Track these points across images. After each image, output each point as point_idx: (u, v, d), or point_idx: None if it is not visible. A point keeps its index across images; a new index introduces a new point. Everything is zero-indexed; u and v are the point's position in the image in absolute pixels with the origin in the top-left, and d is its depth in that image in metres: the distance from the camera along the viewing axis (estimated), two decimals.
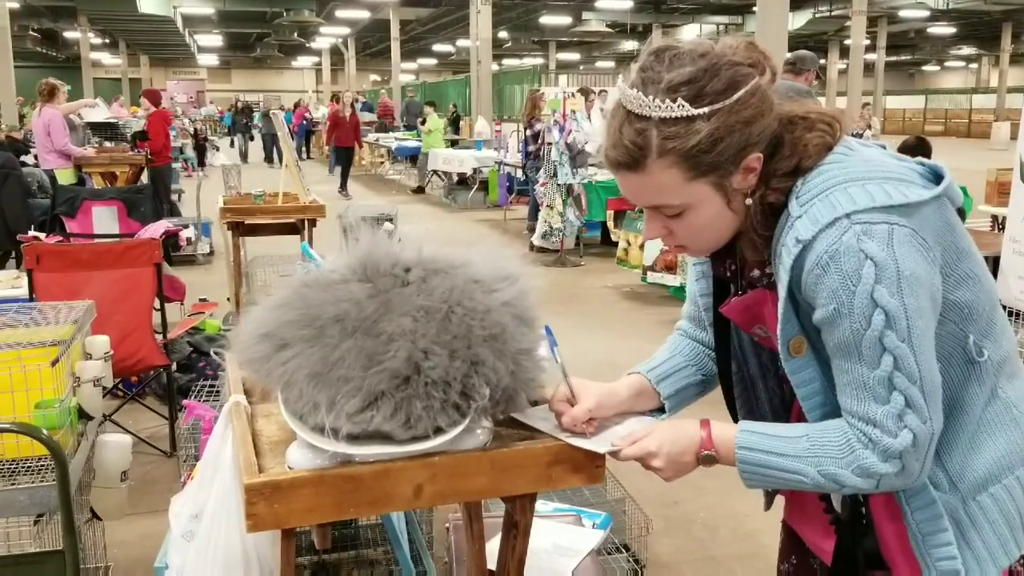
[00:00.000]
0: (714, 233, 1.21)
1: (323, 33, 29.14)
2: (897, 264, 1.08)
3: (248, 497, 1.14)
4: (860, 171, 1.13)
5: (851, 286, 1.08)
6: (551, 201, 8.07)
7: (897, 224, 1.09)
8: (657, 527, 2.93)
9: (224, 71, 45.80)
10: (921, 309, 1.09)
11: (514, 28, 29.21)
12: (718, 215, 1.18)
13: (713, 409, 1.44)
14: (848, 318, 1.09)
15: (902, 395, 1.10)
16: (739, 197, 1.18)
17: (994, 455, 1.19)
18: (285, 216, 4.88)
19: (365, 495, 1.18)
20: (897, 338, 1.08)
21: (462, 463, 1.21)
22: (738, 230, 1.22)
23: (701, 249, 1.26)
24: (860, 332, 1.09)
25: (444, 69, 40.32)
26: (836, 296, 1.10)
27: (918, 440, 1.10)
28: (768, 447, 1.18)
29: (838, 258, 1.09)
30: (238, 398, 1.47)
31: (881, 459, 1.12)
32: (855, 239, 1.08)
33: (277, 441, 1.34)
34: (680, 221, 1.20)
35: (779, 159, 1.17)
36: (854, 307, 1.09)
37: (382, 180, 17.13)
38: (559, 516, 2.48)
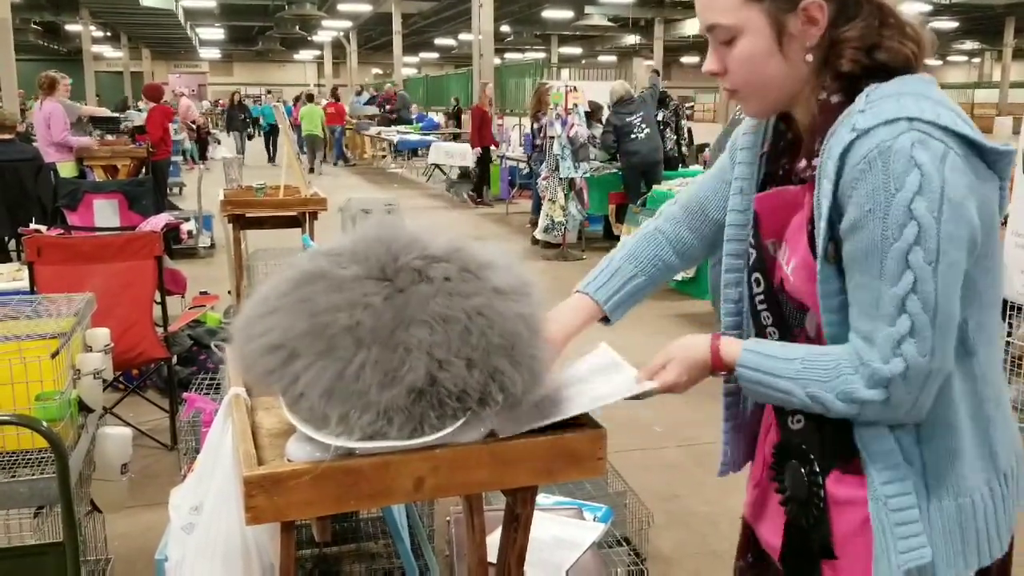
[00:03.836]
0: (764, 77, 1.17)
1: (325, 27, 29.08)
2: (944, 184, 1.03)
3: (247, 490, 1.14)
4: (939, 97, 1.10)
5: (892, 190, 1.04)
6: (553, 195, 8.06)
7: (954, 151, 1.05)
8: (658, 521, 2.92)
9: (226, 64, 45.75)
10: (956, 239, 1.04)
11: (516, 22, 29.15)
12: (768, 53, 1.15)
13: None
14: (880, 223, 1.05)
15: (910, 319, 1.05)
16: (795, 45, 1.14)
17: (964, 464, 1.16)
18: (286, 209, 4.87)
19: (365, 488, 1.18)
20: (924, 258, 1.03)
21: (463, 456, 1.20)
22: (793, 95, 1.19)
23: (752, 96, 1.21)
24: (888, 242, 1.04)
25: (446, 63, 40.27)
26: (874, 197, 1.05)
27: (910, 372, 1.06)
28: (765, 367, 1.18)
29: (887, 156, 1.04)
30: (238, 391, 1.46)
31: (866, 384, 1.08)
32: (909, 143, 1.04)
33: (277, 434, 1.34)
34: (731, 51, 1.17)
35: (852, 29, 1.13)
36: (889, 213, 1.04)
37: (383, 173, 17.12)
38: (560, 509, 2.48)
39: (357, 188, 13.95)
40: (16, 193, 6.25)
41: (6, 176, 6.24)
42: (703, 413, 4.23)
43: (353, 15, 26.92)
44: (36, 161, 6.55)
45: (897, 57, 1.13)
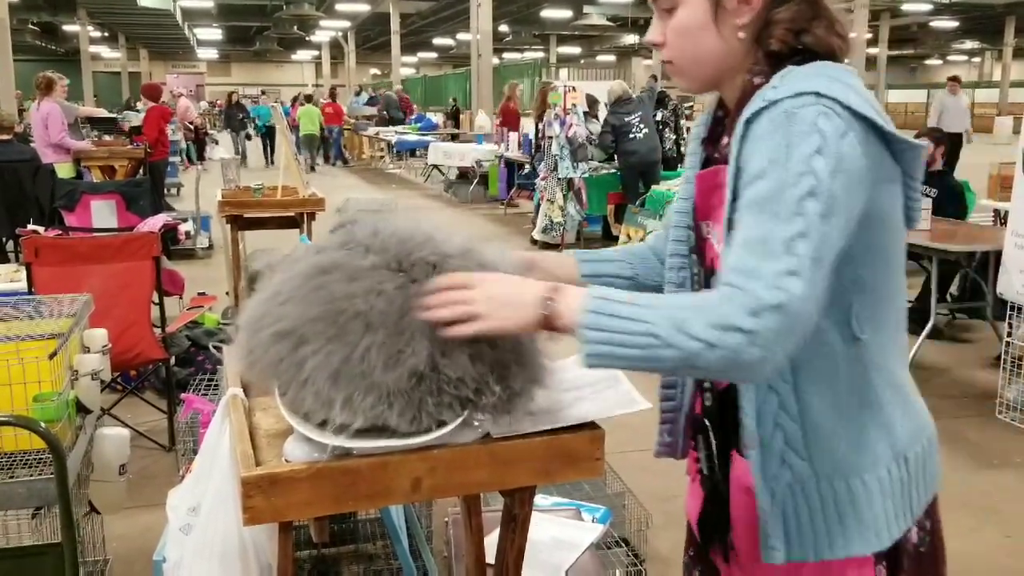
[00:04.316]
0: (698, 49, 1.21)
1: (323, 27, 29.09)
2: (841, 155, 1.06)
3: (245, 490, 1.14)
4: (853, 83, 1.13)
5: (794, 146, 1.06)
6: (551, 195, 8.06)
7: (855, 132, 1.08)
8: (657, 521, 2.92)
9: (223, 65, 45.73)
10: (845, 207, 1.06)
11: (515, 22, 29.16)
12: (703, 26, 1.19)
13: None
14: (780, 171, 1.06)
15: (795, 259, 1.03)
16: (729, 22, 1.18)
17: (856, 446, 1.17)
18: (284, 210, 4.87)
19: (363, 488, 1.17)
20: (816, 209, 1.04)
21: (460, 456, 1.20)
22: (724, 73, 1.22)
23: (685, 69, 1.24)
24: (785, 187, 1.05)
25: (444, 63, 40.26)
26: (775, 151, 1.07)
27: (788, 307, 1.01)
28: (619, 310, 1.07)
29: (791, 119, 1.07)
30: (236, 391, 1.46)
31: (745, 311, 1.02)
32: (815, 113, 1.07)
33: (275, 434, 1.34)
34: (670, 22, 1.21)
35: (784, 11, 1.17)
36: (790, 163, 1.06)
37: (382, 174, 17.13)
38: (558, 510, 2.48)
39: (355, 188, 13.95)
40: (14, 194, 6.25)
41: (4, 177, 6.24)
42: None
43: (351, 15, 26.93)
44: (34, 162, 6.56)
45: (822, 44, 1.17)
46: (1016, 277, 4.06)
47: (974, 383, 4.84)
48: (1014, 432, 4.13)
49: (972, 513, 3.35)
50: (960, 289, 5.70)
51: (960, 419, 4.29)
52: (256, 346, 1.25)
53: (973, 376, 4.95)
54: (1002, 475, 3.71)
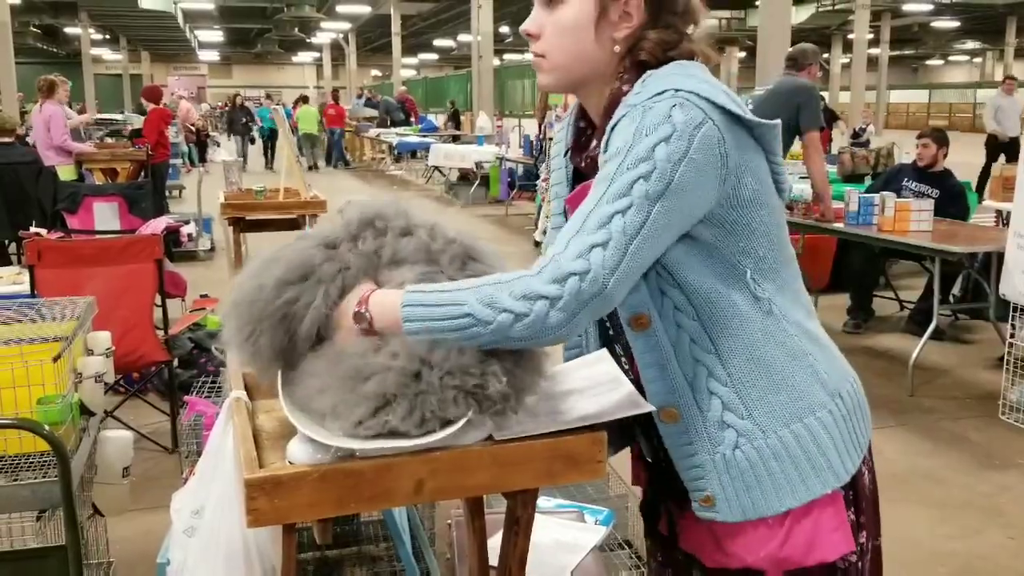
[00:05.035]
0: (574, 49, 1.23)
1: (324, 28, 29.12)
2: (689, 145, 1.10)
3: (249, 492, 1.14)
4: (706, 77, 1.18)
5: (641, 135, 1.11)
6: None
7: (711, 121, 1.12)
8: None
9: (225, 67, 45.80)
10: (684, 195, 1.11)
11: (515, 23, 29.17)
12: (583, 28, 1.22)
13: None
14: (621, 156, 1.12)
15: (609, 233, 1.09)
16: (608, 31, 1.22)
17: (791, 394, 1.22)
18: (286, 212, 4.88)
19: (366, 490, 1.18)
20: (645, 192, 1.09)
21: (463, 458, 1.20)
22: (589, 78, 1.25)
23: (554, 66, 1.26)
24: (623, 170, 1.11)
25: (445, 64, 40.29)
26: (624, 140, 1.13)
27: (589, 276, 1.08)
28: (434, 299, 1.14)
29: (648, 112, 1.13)
30: (239, 394, 1.47)
31: (548, 280, 1.09)
32: (669, 105, 1.12)
33: (278, 436, 1.34)
34: (552, 15, 1.24)
35: (656, 33, 1.22)
36: (632, 150, 1.11)
37: (383, 175, 17.14)
38: (561, 512, 2.48)
39: (356, 190, 13.97)
40: (16, 196, 6.26)
41: (6, 179, 6.25)
42: None
43: (352, 17, 26.96)
44: (36, 164, 6.57)
45: (683, 54, 1.23)
46: (1018, 278, 4.05)
47: (977, 384, 4.83)
48: (1017, 433, 4.13)
49: (975, 514, 3.34)
50: (962, 290, 5.69)
51: (963, 420, 4.29)
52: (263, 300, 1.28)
53: (976, 377, 4.95)
54: (1005, 476, 3.71)
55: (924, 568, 2.92)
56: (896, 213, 4.87)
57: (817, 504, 1.24)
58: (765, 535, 1.25)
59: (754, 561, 1.27)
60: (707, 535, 1.32)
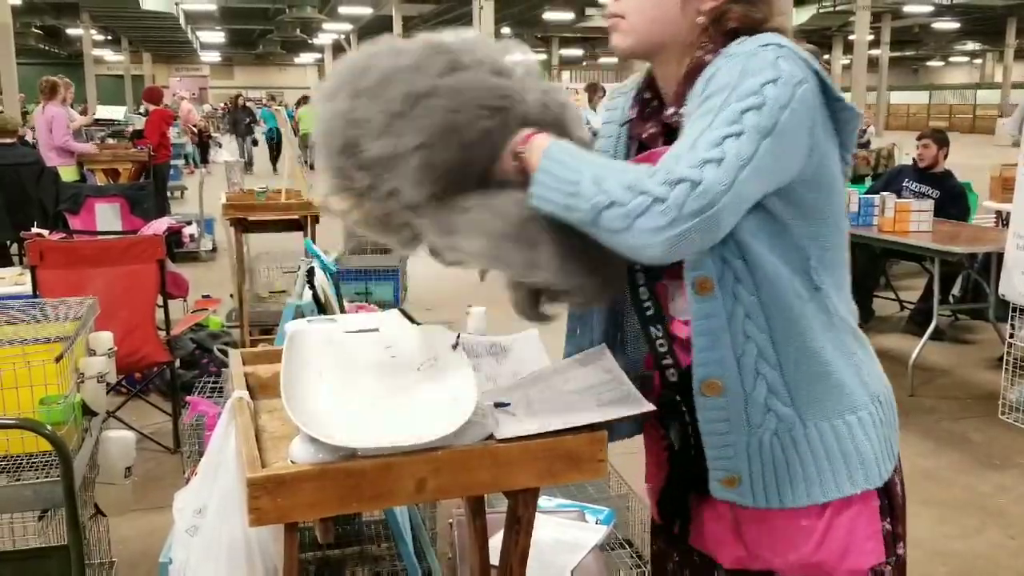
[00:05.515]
0: (656, 14, 1.22)
1: (326, 30, 29.13)
2: (792, 95, 1.08)
3: (251, 491, 1.15)
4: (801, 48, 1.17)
5: (748, 74, 1.09)
6: None
7: (810, 84, 1.11)
8: None
9: (227, 68, 45.82)
10: (790, 136, 1.09)
11: (517, 24, 29.19)
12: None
13: None
14: (728, 91, 1.09)
15: (720, 151, 1.04)
16: (694, 3, 1.21)
17: (836, 389, 1.21)
18: (288, 213, 4.88)
19: (368, 489, 1.18)
20: (756, 123, 1.06)
21: (464, 457, 1.21)
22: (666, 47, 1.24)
23: (633, 29, 1.24)
24: (730, 101, 1.08)
25: None
26: (729, 77, 1.10)
27: (700, 188, 1.02)
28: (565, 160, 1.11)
29: (752, 57, 1.11)
30: (241, 394, 1.47)
31: (659, 181, 1.03)
32: (774, 55, 1.11)
33: (280, 436, 1.35)
34: None
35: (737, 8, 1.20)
36: (741, 86, 1.09)
37: None
38: (562, 512, 2.48)
39: None
40: (18, 197, 6.26)
41: (7, 180, 6.26)
42: None
43: (354, 18, 26.97)
44: (37, 165, 6.57)
45: (771, 25, 1.21)
46: (1018, 278, 4.06)
47: (977, 384, 4.84)
48: (1017, 433, 4.13)
49: (975, 514, 3.35)
50: (962, 290, 5.69)
51: (963, 420, 4.29)
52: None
53: (976, 377, 4.95)
54: (1005, 476, 3.71)
55: (925, 567, 2.92)
56: (896, 214, 4.88)
57: (853, 507, 1.22)
58: (797, 535, 1.22)
59: (782, 565, 1.24)
60: (728, 530, 1.29)
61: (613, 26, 1.26)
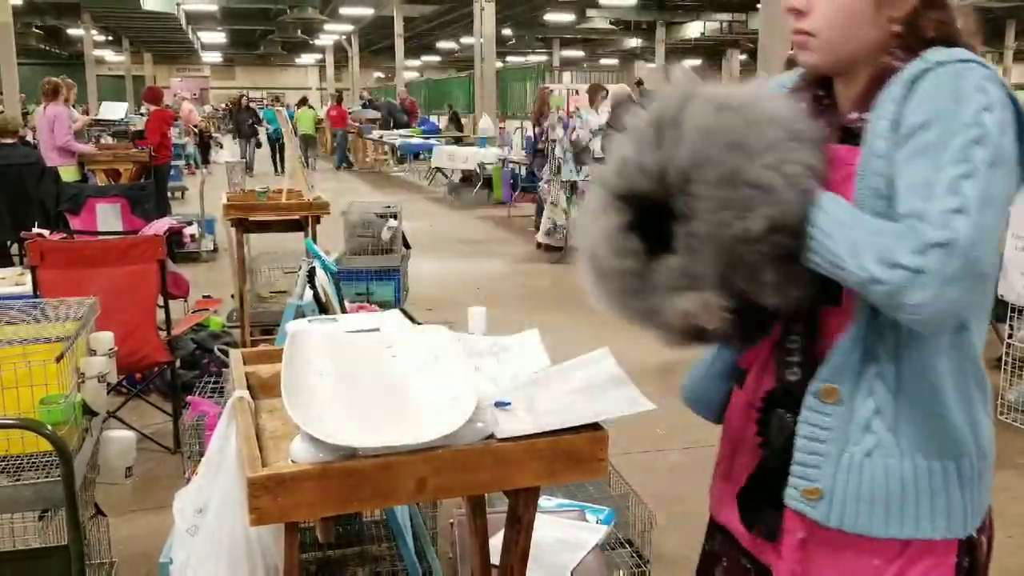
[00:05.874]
0: (851, 27, 1.18)
1: (327, 30, 29.12)
2: (1005, 119, 1.07)
3: (251, 491, 1.15)
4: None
5: (963, 101, 1.06)
6: (555, 198, 8.07)
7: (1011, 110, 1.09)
8: (661, 522, 2.92)
9: (228, 68, 45.80)
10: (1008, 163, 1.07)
11: (518, 25, 29.18)
12: (864, 6, 1.17)
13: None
14: (945, 122, 1.06)
15: (961, 198, 1.02)
16: (885, 10, 1.17)
17: (945, 432, 1.17)
18: (289, 213, 4.88)
19: (368, 489, 1.18)
20: (983, 157, 1.03)
21: (465, 456, 1.21)
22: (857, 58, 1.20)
23: (825, 45, 1.20)
24: (952, 135, 1.05)
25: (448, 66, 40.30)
26: (944, 103, 1.07)
27: (955, 247, 1.00)
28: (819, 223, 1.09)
29: (961, 77, 1.08)
30: (242, 394, 1.47)
31: (910, 249, 1.01)
32: (981, 77, 1.09)
33: (281, 436, 1.35)
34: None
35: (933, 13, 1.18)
36: (958, 115, 1.06)
37: (386, 177, 17.14)
38: (563, 512, 2.49)
39: (359, 192, 13.97)
40: (18, 197, 6.27)
41: (8, 180, 6.26)
42: None
43: (355, 19, 26.96)
44: (38, 165, 6.58)
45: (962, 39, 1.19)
46: (1017, 279, 4.06)
47: None
48: (1015, 433, 4.13)
49: None
50: None
51: None
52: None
53: None
54: (1003, 476, 3.71)
55: None
56: None
57: (929, 559, 1.18)
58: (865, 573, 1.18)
59: None
60: (793, 546, 1.24)
61: (802, 44, 1.22)
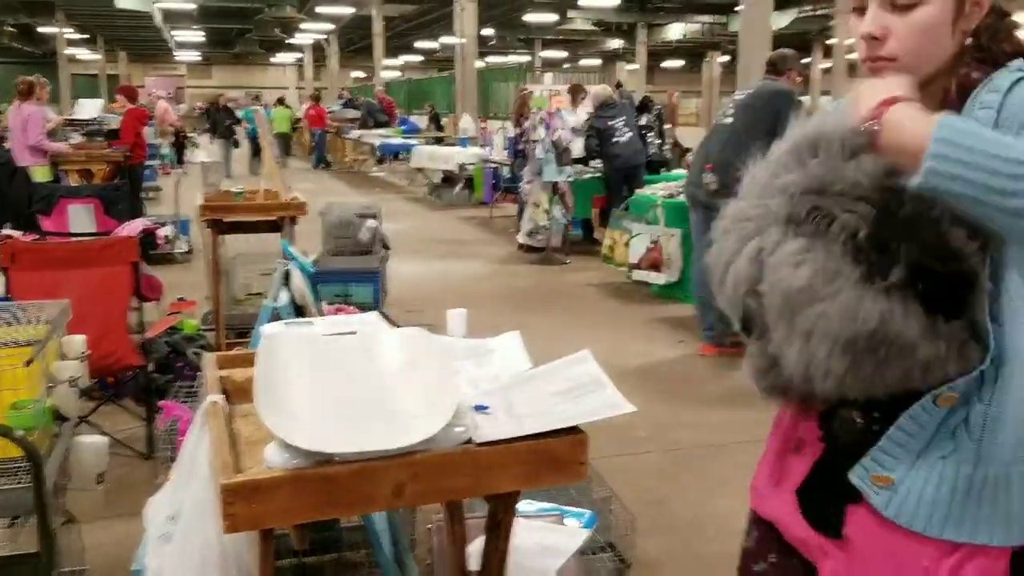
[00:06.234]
0: (931, 48, 1.18)
1: (305, 29, 28.99)
2: None
3: (225, 497, 1.12)
4: None
5: None
6: (537, 199, 8.06)
7: None
8: (642, 525, 2.91)
9: (204, 67, 45.46)
10: None
11: (499, 25, 29.17)
12: (942, 26, 1.17)
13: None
14: None
15: None
16: (962, 25, 1.18)
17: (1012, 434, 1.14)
18: (266, 214, 4.83)
19: (344, 495, 1.16)
20: None
21: (443, 461, 1.18)
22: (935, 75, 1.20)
23: (908, 68, 1.19)
24: None
25: (429, 66, 40.21)
26: None
27: None
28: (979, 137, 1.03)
29: None
30: (215, 398, 1.44)
31: None
32: None
33: (255, 441, 1.32)
34: (907, 17, 1.18)
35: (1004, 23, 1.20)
36: None
37: (366, 177, 17.08)
38: (544, 516, 2.47)
39: (338, 192, 13.90)
40: None
41: None
42: (687, 416, 4.23)
43: (334, 18, 26.84)
44: (10, 165, 6.48)
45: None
46: None
47: None
48: None
49: None
50: None
51: None
52: None
53: None
54: None
55: None
56: None
57: (981, 559, 1.17)
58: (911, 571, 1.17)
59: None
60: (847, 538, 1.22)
61: (879, 69, 1.20)
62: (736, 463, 3.61)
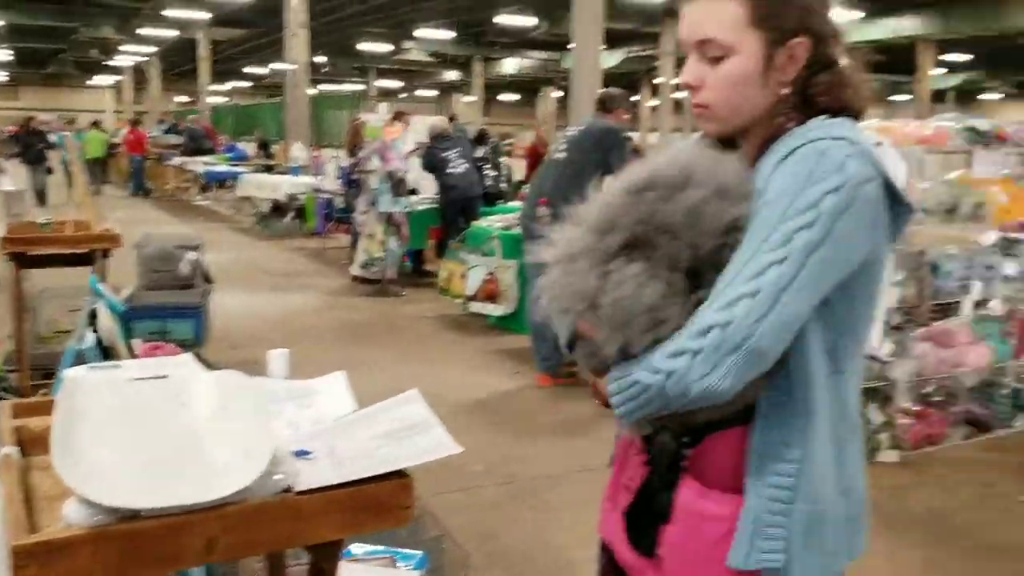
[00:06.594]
0: (742, 99, 1.23)
1: (125, 51, 27.56)
2: (855, 197, 1.11)
3: (16, 560, 1.04)
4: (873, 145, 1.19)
5: (813, 181, 1.11)
6: (372, 230, 7.98)
7: (876, 184, 1.14)
8: (476, 562, 2.91)
9: (11, 88, 42.24)
10: (844, 247, 1.12)
11: (333, 53, 28.88)
12: (751, 78, 1.21)
13: None
14: (788, 199, 1.11)
15: (758, 285, 1.09)
16: (774, 77, 1.21)
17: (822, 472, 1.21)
18: (75, 246, 4.51)
19: (151, 553, 1.09)
20: (805, 243, 1.09)
21: (259, 512, 1.14)
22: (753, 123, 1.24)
23: (720, 116, 1.25)
24: (786, 217, 1.11)
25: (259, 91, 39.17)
26: (795, 181, 1.12)
27: (729, 329, 1.07)
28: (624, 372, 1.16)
29: (820, 153, 1.13)
30: (8, 450, 1.33)
31: (694, 334, 1.09)
32: (845, 154, 1.13)
33: (54, 496, 1.23)
34: (717, 69, 1.22)
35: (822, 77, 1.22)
36: (801, 196, 1.11)
37: (188, 206, 16.35)
38: (373, 559, 2.42)
39: (158, 222, 13.23)
40: None
41: None
42: (522, 449, 4.28)
43: (157, 40, 25.70)
44: None
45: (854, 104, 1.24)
46: None
47: None
48: None
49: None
50: None
51: None
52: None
53: None
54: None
55: None
56: None
57: None
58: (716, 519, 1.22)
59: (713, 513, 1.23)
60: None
61: (699, 115, 1.27)
62: (570, 493, 3.69)
